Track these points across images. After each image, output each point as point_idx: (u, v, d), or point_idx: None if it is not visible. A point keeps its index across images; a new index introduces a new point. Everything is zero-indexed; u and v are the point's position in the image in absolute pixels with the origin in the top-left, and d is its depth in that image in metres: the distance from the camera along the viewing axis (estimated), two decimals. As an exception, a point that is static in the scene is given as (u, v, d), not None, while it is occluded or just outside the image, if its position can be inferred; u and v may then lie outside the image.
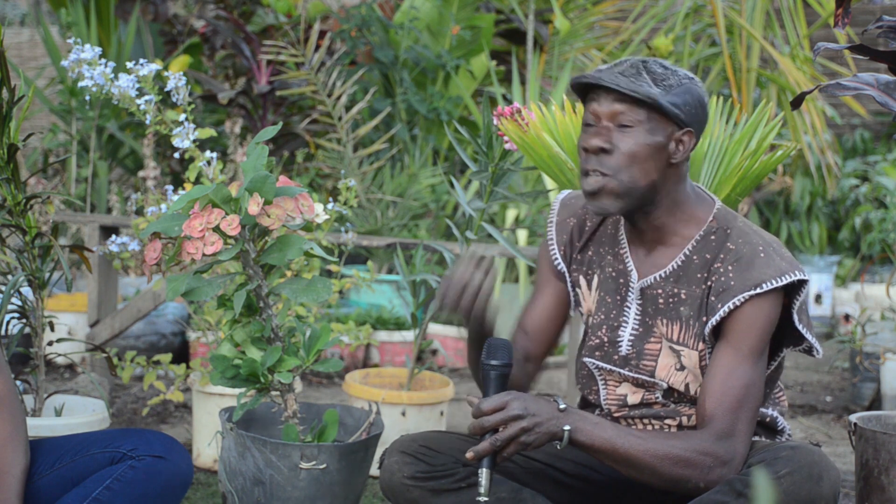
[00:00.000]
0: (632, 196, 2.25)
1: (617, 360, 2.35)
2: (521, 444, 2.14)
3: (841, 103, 8.90)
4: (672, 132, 2.23)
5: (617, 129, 2.23)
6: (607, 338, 2.36)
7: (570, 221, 2.46)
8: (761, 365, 2.25)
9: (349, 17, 6.42)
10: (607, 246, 2.40)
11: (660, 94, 2.20)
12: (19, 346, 3.14)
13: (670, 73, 2.24)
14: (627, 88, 2.20)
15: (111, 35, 7.23)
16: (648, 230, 2.32)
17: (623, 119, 2.22)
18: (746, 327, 2.23)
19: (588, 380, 2.41)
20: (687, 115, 2.23)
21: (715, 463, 2.17)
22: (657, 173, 2.24)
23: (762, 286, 2.22)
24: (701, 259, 2.29)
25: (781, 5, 6.84)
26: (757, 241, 2.28)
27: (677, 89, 2.22)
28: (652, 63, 2.25)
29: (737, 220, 2.32)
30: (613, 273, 2.38)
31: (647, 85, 2.21)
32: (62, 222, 5.14)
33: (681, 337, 2.29)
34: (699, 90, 2.26)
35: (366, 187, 5.96)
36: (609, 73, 2.24)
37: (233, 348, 2.58)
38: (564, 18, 6.47)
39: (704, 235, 2.30)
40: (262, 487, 2.61)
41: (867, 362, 4.71)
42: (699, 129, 2.27)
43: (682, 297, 2.30)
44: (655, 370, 2.32)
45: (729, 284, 2.24)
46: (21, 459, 2.29)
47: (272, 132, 2.50)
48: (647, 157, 2.23)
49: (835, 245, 8.54)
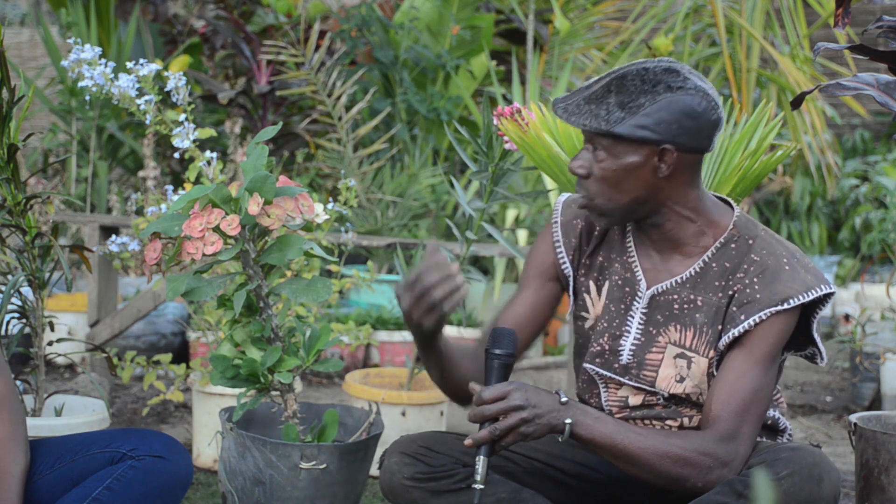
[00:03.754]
0: (616, 214, 2.25)
1: (617, 368, 2.34)
2: (521, 434, 2.13)
3: (841, 103, 8.90)
4: (649, 150, 2.18)
5: (593, 152, 2.23)
6: (608, 346, 2.35)
7: (578, 224, 2.42)
8: (772, 371, 2.24)
9: (349, 17, 6.42)
10: (615, 253, 2.38)
11: (619, 120, 2.15)
12: (19, 346, 3.14)
13: (647, 90, 2.16)
14: (578, 124, 2.18)
15: (111, 35, 7.23)
16: (660, 238, 2.30)
17: (595, 144, 2.22)
18: (763, 337, 2.22)
19: (589, 384, 2.40)
20: (661, 132, 2.16)
21: (715, 464, 2.17)
22: (643, 189, 2.21)
23: (789, 302, 2.20)
24: (720, 267, 2.27)
25: (781, 5, 6.84)
26: (781, 253, 2.26)
27: (648, 108, 2.15)
28: (631, 78, 2.18)
29: (758, 229, 2.29)
30: (620, 281, 2.36)
31: (605, 112, 2.16)
32: (62, 222, 5.14)
33: (693, 343, 2.28)
34: (686, 100, 2.16)
35: (366, 187, 5.96)
36: (573, 101, 2.21)
37: (233, 348, 2.58)
38: (564, 18, 6.47)
39: (725, 243, 2.28)
40: (262, 487, 2.61)
41: (867, 362, 4.71)
42: (691, 140, 2.18)
43: (699, 303, 2.28)
44: (656, 381, 2.30)
45: (754, 297, 2.22)
46: (21, 459, 2.29)
47: (272, 132, 2.50)
48: (622, 178, 2.20)
49: (835, 245, 8.55)
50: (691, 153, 2.21)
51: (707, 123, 2.19)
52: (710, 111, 2.19)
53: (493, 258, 5.99)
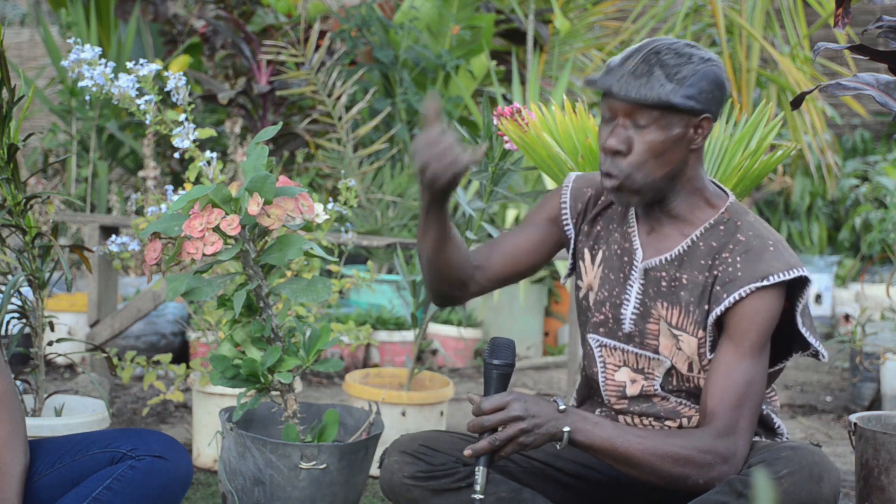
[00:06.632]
0: (651, 189, 2.27)
1: (621, 336, 2.36)
2: (520, 444, 2.14)
3: (841, 103, 8.91)
4: (690, 121, 2.22)
5: (634, 127, 2.23)
6: (611, 314, 2.37)
7: (588, 191, 2.45)
8: (762, 361, 2.25)
9: (349, 17, 6.42)
10: (616, 223, 2.41)
11: (672, 91, 2.18)
12: (19, 346, 3.15)
13: (684, 62, 2.20)
14: (637, 96, 2.19)
15: (111, 35, 7.23)
16: (661, 213, 2.33)
17: (638, 119, 2.22)
18: (748, 322, 2.23)
19: (590, 360, 2.42)
20: (703, 102, 2.21)
21: (716, 460, 2.17)
22: (677, 163, 2.25)
23: (769, 278, 2.22)
24: (707, 246, 2.29)
25: (781, 5, 6.84)
26: (767, 235, 2.29)
27: (692, 78, 2.20)
28: (665, 52, 2.21)
29: (748, 215, 2.33)
30: (619, 251, 2.38)
31: (658, 84, 2.19)
32: (62, 222, 5.14)
33: (680, 322, 2.29)
34: (716, 70, 2.23)
35: (366, 187, 5.96)
36: (619, 76, 2.21)
37: (233, 348, 2.58)
38: (564, 18, 6.47)
39: (714, 224, 2.30)
40: (262, 487, 2.61)
41: (867, 362, 4.71)
42: (717, 111, 2.26)
43: (684, 282, 2.30)
44: (659, 348, 2.33)
45: (736, 275, 2.24)
46: (21, 459, 2.29)
47: (272, 132, 2.50)
48: (665, 151, 2.23)
49: (835, 245, 8.55)
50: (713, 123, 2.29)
51: (726, 94, 2.28)
52: (727, 81, 2.29)
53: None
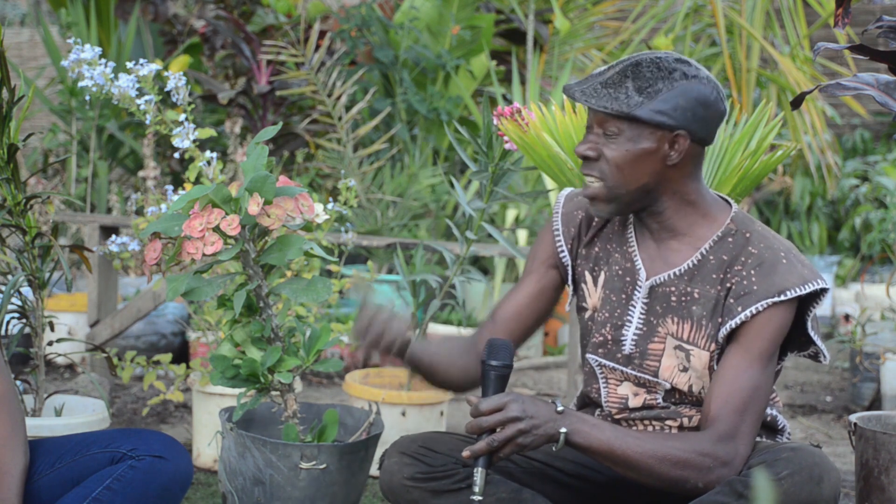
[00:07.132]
0: (621, 200, 2.26)
1: (620, 358, 2.35)
2: (518, 445, 2.14)
3: (841, 103, 8.91)
4: (662, 136, 2.21)
5: (604, 136, 2.24)
6: (611, 336, 2.36)
7: (578, 214, 2.45)
8: (770, 369, 2.25)
9: (349, 17, 6.42)
10: (615, 243, 2.39)
11: (638, 104, 2.18)
12: (19, 346, 3.14)
13: (663, 76, 2.19)
14: (598, 106, 2.20)
15: (111, 35, 7.23)
16: (659, 229, 2.32)
17: (607, 128, 2.23)
18: (760, 332, 2.22)
19: (590, 377, 2.41)
20: (678, 119, 2.19)
21: (715, 464, 2.17)
22: (650, 177, 2.24)
23: (786, 293, 2.22)
24: (717, 260, 2.28)
25: (781, 5, 6.84)
26: (778, 247, 2.27)
27: (666, 93, 2.18)
28: (647, 65, 2.21)
29: (755, 225, 2.31)
30: (620, 271, 2.37)
31: (624, 96, 2.18)
32: (62, 222, 5.14)
33: (691, 336, 2.29)
34: (700, 88, 2.21)
35: (366, 187, 5.96)
36: (588, 84, 2.23)
37: (233, 348, 2.58)
38: (564, 18, 6.47)
39: (722, 237, 2.29)
40: (262, 487, 2.61)
41: (867, 362, 4.71)
42: (701, 129, 2.22)
43: (696, 296, 2.29)
44: (659, 370, 2.31)
45: (751, 289, 2.23)
46: (21, 459, 2.29)
47: (272, 132, 2.50)
48: (634, 163, 2.22)
49: (835, 245, 8.55)
50: (699, 143, 2.25)
51: (716, 114, 2.24)
52: (719, 102, 2.25)
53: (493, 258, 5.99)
